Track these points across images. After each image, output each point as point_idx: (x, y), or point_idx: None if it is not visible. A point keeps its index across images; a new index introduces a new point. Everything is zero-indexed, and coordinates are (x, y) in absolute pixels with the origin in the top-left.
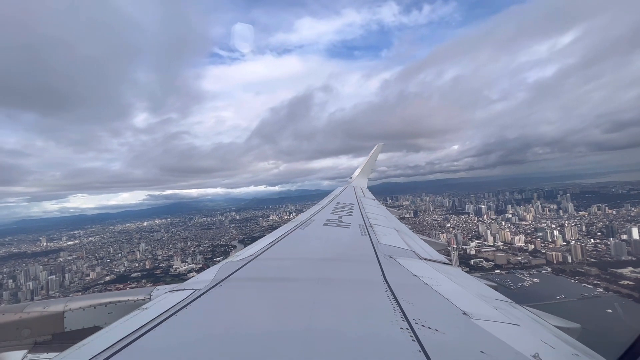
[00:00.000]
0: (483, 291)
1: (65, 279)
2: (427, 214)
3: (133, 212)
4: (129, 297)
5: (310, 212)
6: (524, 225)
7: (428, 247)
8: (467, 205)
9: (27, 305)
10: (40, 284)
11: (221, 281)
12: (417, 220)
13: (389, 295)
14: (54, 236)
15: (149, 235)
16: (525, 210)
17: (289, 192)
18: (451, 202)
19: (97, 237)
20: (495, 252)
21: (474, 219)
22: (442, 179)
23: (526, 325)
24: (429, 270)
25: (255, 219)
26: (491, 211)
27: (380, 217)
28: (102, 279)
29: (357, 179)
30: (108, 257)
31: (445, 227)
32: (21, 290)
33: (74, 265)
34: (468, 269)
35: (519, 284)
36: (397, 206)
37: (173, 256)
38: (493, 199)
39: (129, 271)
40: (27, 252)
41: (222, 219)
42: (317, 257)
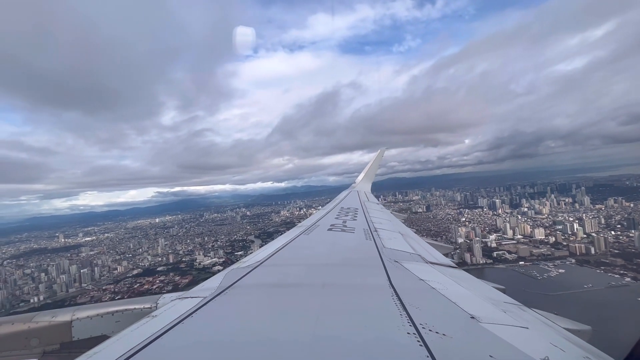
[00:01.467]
0: (491, 294)
1: (95, 272)
2: (439, 208)
3: (141, 209)
4: (136, 305)
5: (315, 217)
6: (541, 218)
7: (434, 250)
8: (480, 199)
9: (36, 315)
10: (72, 277)
11: (227, 288)
12: (431, 215)
13: (395, 299)
14: (69, 233)
15: (163, 231)
16: (541, 203)
17: (294, 188)
18: (463, 197)
19: (112, 234)
20: (516, 245)
21: (488, 212)
22: (449, 174)
23: (535, 328)
24: (435, 274)
25: (266, 214)
26: (505, 205)
27: (385, 221)
28: (130, 273)
29: (360, 183)
30: (129, 252)
31: (460, 221)
32: (56, 282)
33: (99, 260)
34: (492, 260)
35: (545, 275)
36: (407, 201)
37: (193, 251)
38: (506, 193)
39: (154, 265)
40: (47, 248)
41: (233, 215)
42: (323, 262)
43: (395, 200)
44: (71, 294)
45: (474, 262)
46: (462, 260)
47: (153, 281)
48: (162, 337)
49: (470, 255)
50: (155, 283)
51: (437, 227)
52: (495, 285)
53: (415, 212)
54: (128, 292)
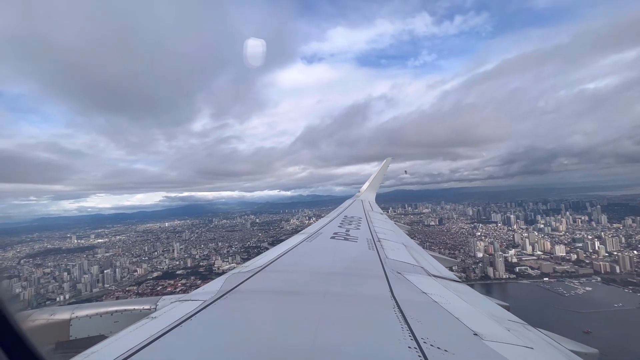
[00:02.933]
0: (495, 311)
1: (116, 274)
2: (452, 222)
3: (148, 212)
4: (135, 306)
5: (318, 225)
6: (559, 235)
7: (437, 263)
8: (493, 214)
9: (33, 312)
10: (95, 277)
11: (227, 292)
12: (444, 228)
13: (397, 312)
14: (81, 234)
15: (175, 235)
16: (556, 220)
17: (300, 197)
18: (475, 211)
19: (123, 236)
20: (537, 261)
21: (503, 228)
22: (457, 188)
23: (540, 348)
24: (438, 287)
25: (276, 222)
26: (520, 221)
27: (388, 232)
28: (150, 275)
29: (365, 192)
30: (145, 255)
31: (476, 236)
32: (80, 282)
33: (117, 262)
34: (515, 275)
35: (572, 292)
36: (417, 213)
37: (209, 255)
38: (519, 209)
39: (172, 268)
40: (61, 248)
41: (242, 221)
42: (324, 270)
43: (405, 213)
44: (95, 293)
45: (497, 276)
46: (485, 274)
47: (175, 284)
48: (160, 339)
49: (493, 269)
50: (178, 286)
51: (453, 240)
52: (499, 302)
53: (428, 225)
54: (151, 294)
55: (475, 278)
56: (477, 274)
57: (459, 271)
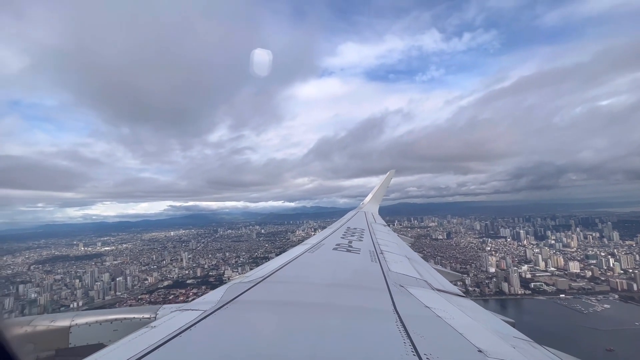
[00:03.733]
0: (500, 327)
1: (128, 281)
2: (459, 236)
3: (152, 221)
4: (135, 314)
5: (321, 236)
6: (570, 251)
7: (441, 277)
8: (502, 229)
9: (34, 318)
10: (107, 285)
11: (228, 302)
12: (453, 242)
13: (399, 326)
14: (87, 241)
15: (181, 244)
16: (567, 236)
17: (304, 209)
18: (483, 226)
19: (129, 244)
20: (552, 277)
21: (512, 243)
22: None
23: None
24: (441, 301)
25: (281, 233)
26: (530, 236)
27: (391, 244)
28: (160, 284)
29: (368, 204)
30: (153, 264)
31: (485, 250)
32: (92, 289)
33: (127, 270)
34: (530, 291)
35: (590, 309)
36: (424, 227)
37: (218, 265)
38: (527, 224)
39: (182, 278)
40: (69, 255)
41: (247, 232)
42: (326, 282)
43: (411, 226)
44: (107, 301)
45: (512, 291)
46: (500, 289)
47: (187, 293)
48: (159, 349)
49: (508, 285)
50: (189, 295)
51: (463, 255)
52: (504, 318)
53: (436, 238)
54: (164, 302)
55: (490, 293)
56: (491, 289)
57: (473, 285)
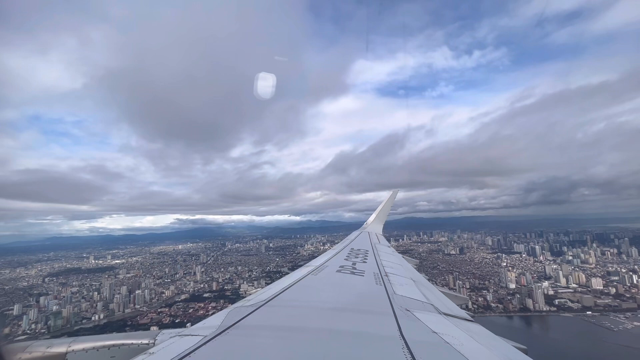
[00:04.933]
0: (511, 354)
1: (145, 295)
2: (472, 251)
3: (157, 234)
4: (134, 340)
5: (324, 257)
6: (589, 268)
7: (448, 300)
8: (516, 245)
9: (31, 344)
10: (125, 298)
11: (229, 327)
12: (466, 258)
13: (406, 353)
14: (97, 254)
15: (191, 258)
16: (584, 252)
17: (309, 223)
18: (496, 241)
19: (139, 257)
20: (575, 294)
21: (528, 259)
22: (469, 216)
23: None
24: (449, 326)
25: (290, 247)
26: (546, 252)
27: (396, 266)
28: (177, 297)
29: (372, 224)
30: (167, 277)
31: (502, 266)
32: (112, 302)
33: (142, 283)
34: (555, 308)
35: (620, 327)
36: (434, 242)
37: (232, 279)
38: (540, 240)
39: (198, 291)
40: (81, 268)
41: (255, 246)
42: (330, 306)
43: (421, 241)
44: (127, 314)
45: (536, 308)
46: (524, 305)
47: (205, 307)
48: None
49: (532, 301)
50: (209, 309)
51: (479, 270)
52: (515, 344)
53: (448, 254)
54: (185, 316)
55: (514, 309)
56: (515, 305)
57: (495, 302)
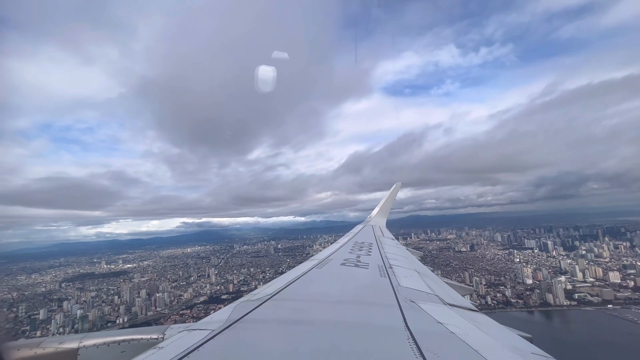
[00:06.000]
0: (516, 343)
1: (165, 297)
2: (482, 248)
3: (163, 238)
4: (143, 335)
5: (328, 251)
6: (604, 261)
7: (452, 291)
8: (526, 240)
9: (43, 340)
10: (146, 301)
11: (236, 322)
12: (478, 254)
13: (411, 343)
14: (109, 259)
15: (202, 260)
16: (597, 246)
17: (314, 223)
18: (505, 237)
19: (150, 261)
20: (593, 288)
21: (541, 254)
22: (474, 213)
23: None
24: (454, 317)
25: (298, 248)
26: (558, 247)
27: (400, 258)
28: (196, 299)
29: (375, 218)
30: (182, 280)
31: (515, 262)
32: (134, 305)
33: (160, 286)
34: (576, 302)
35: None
36: (442, 239)
37: (247, 280)
38: (550, 235)
39: (216, 293)
40: (95, 273)
41: (263, 247)
42: (335, 299)
43: (429, 239)
44: (150, 317)
45: (557, 303)
46: (544, 300)
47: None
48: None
49: (553, 296)
50: None
51: (492, 267)
52: (521, 333)
53: (459, 251)
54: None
55: (535, 304)
56: (535, 300)
57: (514, 297)
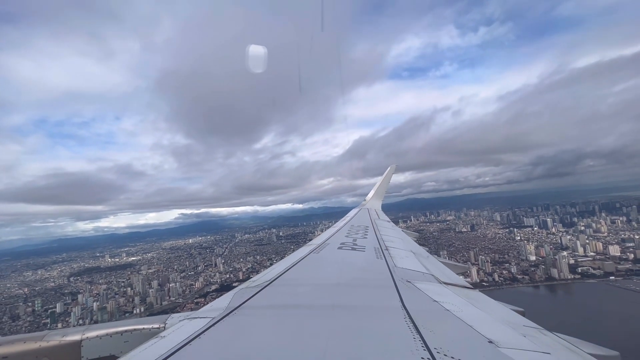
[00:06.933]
0: (509, 317)
1: (178, 287)
2: (482, 228)
3: (161, 230)
4: (145, 325)
5: (325, 236)
6: (603, 236)
7: (447, 270)
8: (526, 218)
9: (47, 333)
10: (159, 292)
11: (235, 308)
12: (479, 234)
13: (408, 322)
14: (112, 253)
15: (205, 250)
16: (595, 222)
17: (312, 210)
18: (505, 216)
19: (154, 253)
20: (595, 262)
21: (541, 231)
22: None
23: (558, 353)
24: (449, 295)
25: (300, 235)
26: (558, 224)
27: (396, 240)
28: (208, 287)
29: (371, 201)
30: (190, 270)
31: (516, 240)
32: (149, 296)
33: (170, 276)
34: (580, 276)
35: None
36: (442, 221)
37: (255, 268)
38: (547, 213)
39: (227, 281)
40: (100, 267)
41: (265, 235)
42: (332, 282)
43: (429, 221)
44: (166, 306)
45: (562, 277)
46: (549, 275)
47: None
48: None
49: (558, 271)
50: None
51: (495, 245)
52: (513, 307)
53: (460, 231)
54: None
55: (541, 279)
56: (541, 275)
57: (520, 273)
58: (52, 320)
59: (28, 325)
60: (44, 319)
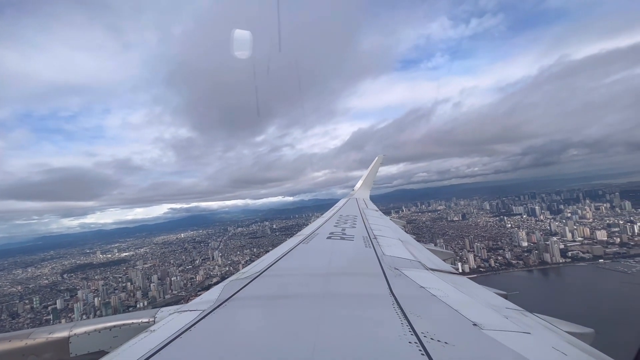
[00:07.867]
0: (492, 300)
1: (179, 280)
2: (474, 216)
3: (150, 226)
4: (134, 319)
5: (314, 226)
6: (589, 222)
7: (434, 256)
8: (515, 207)
9: (33, 331)
10: (160, 285)
11: (225, 301)
12: (471, 223)
13: (396, 308)
14: (103, 249)
15: (198, 244)
16: (580, 209)
17: (302, 202)
18: (494, 205)
19: (146, 248)
20: (583, 246)
21: (529, 219)
22: (458, 184)
23: (538, 333)
24: (435, 280)
25: (293, 227)
26: (545, 211)
27: (384, 228)
28: (209, 280)
29: (359, 191)
30: (188, 264)
31: (507, 227)
32: (150, 290)
33: (168, 271)
34: (570, 259)
35: (633, 270)
36: (433, 210)
37: (253, 260)
38: (534, 201)
39: (227, 274)
40: (93, 263)
41: (258, 228)
42: (322, 272)
43: (420, 211)
44: (169, 300)
45: (554, 261)
46: (542, 259)
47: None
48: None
49: (550, 255)
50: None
51: (487, 233)
52: (497, 290)
53: (452, 220)
54: None
55: (534, 264)
56: (534, 260)
57: (514, 259)
58: (55, 317)
59: (30, 322)
60: (45, 315)
